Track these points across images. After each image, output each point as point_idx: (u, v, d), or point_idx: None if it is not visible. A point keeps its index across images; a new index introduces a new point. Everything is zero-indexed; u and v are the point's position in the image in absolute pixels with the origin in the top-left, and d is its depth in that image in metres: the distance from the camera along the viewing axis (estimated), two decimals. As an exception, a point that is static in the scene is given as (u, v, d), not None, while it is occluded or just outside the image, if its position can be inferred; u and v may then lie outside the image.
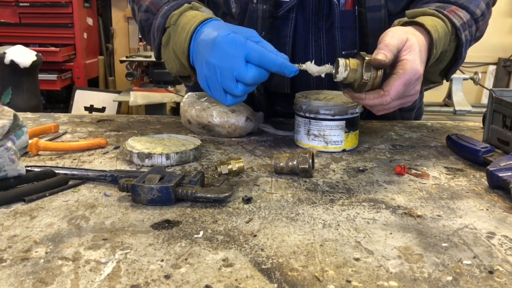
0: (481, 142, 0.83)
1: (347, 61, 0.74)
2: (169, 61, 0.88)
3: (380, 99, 0.74)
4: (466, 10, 0.87)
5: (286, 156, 0.74)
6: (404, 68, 0.73)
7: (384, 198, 0.66)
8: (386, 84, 0.73)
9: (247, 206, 0.62)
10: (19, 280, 0.44)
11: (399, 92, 0.73)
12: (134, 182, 0.62)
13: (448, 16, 0.83)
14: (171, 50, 0.85)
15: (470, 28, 0.87)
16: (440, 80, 0.92)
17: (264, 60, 0.72)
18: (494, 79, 3.87)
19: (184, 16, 0.83)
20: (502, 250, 0.52)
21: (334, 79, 0.75)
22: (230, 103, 0.76)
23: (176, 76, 0.92)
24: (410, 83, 0.74)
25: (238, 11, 0.96)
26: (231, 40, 0.72)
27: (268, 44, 0.75)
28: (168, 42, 0.86)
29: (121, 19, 4.08)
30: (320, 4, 0.95)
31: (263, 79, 0.75)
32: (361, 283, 0.45)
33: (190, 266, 0.47)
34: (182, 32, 0.81)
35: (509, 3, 3.74)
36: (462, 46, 0.85)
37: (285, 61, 0.74)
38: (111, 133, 0.97)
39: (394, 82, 0.73)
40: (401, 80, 0.73)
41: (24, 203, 0.61)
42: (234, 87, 0.73)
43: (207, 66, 0.74)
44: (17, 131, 0.65)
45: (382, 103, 0.74)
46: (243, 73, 0.72)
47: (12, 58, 2.45)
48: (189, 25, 0.80)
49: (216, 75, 0.73)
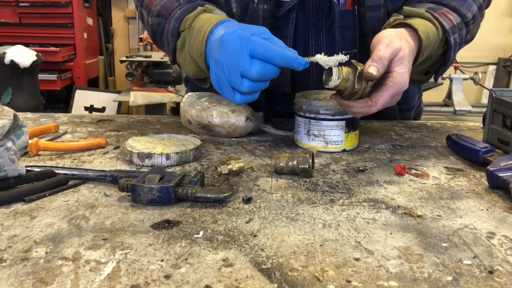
0: (481, 142, 0.83)
1: (340, 69, 0.74)
2: (185, 65, 0.87)
3: (367, 108, 0.76)
4: (457, 13, 0.87)
5: (286, 156, 0.74)
6: (394, 81, 0.75)
7: (384, 198, 0.66)
8: (375, 95, 0.76)
9: (247, 206, 0.62)
10: (19, 280, 0.44)
11: (386, 103, 0.76)
12: (134, 182, 0.62)
13: (438, 19, 0.83)
14: (187, 53, 0.85)
15: (460, 31, 0.87)
16: (423, 79, 0.93)
17: (270, 54, 0.71)
18: (494, 79, 3.87)
19: (199, 19, 0.82)
20: (502, 250, 0.52)
21: (324, 86, 0.76)
22: (239, 101, 0.75)
23: (193, 79, 0.92)
24: (396, 95, 0.77)
25: (239, 11, 0.96)
26: (237, 36, 0.72)
27: (278, 41, 0.75)
28: (183, 45, 0.85)
29: (121, 19, 4.08)
30: (320, 4, 0.95)
31: (272, 74, 0.74)
32: (361, 283, 0.45)
33: (190, 266, 0.47)
34: (198, 35, 0.80)
35: (509, 3, 3.75)
36: (450, 49, 0.85)
37: (293, 54, 0.73)
38: (111, 133, 0.97)
39: (383, 94, 0.75)
40: (389, 92, 0.75)
41: (24, 203, 0.61)
42: (240, 83, 0.73)
43: (216, 64, 0.75)
44: (17, 131, 0.65)
45: (367, 112, 0.77)
46: (247, 69, 0.71)
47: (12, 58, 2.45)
48: (204, 27, 0.80)
49: (224, 72, 0.73)
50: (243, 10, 0.96)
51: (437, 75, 0.92)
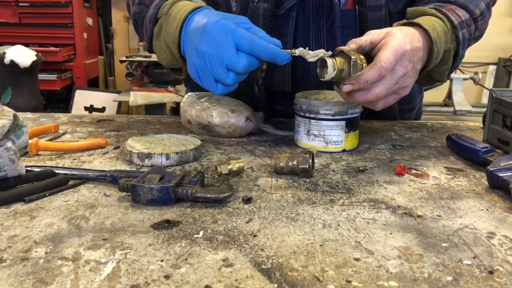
0: (481, 142, 0.83)
1: (334, 60, 0.74)
2: (160, 52, 0.87)
3: (376, 67, 0.72)
4: (466, 9, 0.87)
5: (286, 156, 0.74)
6: (386, 43, 0.73)
7: (384, 198, 0.66)
8: (375, 58, 0.73)
9: (247, 206, 0.62)
10: (19, 280, 0.44)
11: (391, 60, 0.72)
12: (134, 182, 0.62)
13: (446, 14, 0.83)
14: (163, 40, 0.84)
15: (468, 27, 0.87)
16: (446, 79, 0.92)
17: (255, 48, 0.71)
18: (494, 79, 3.87)
19: (176, 6, 0.82)
20: (502, 250, 0.52)
21: (321, 79, 0.76)
22: (221, 92, 0.75)
23: (167, 68, 0.91)
24: (397, 56, 0.73)
25: (239, 9, 0.96)
26: (221, 27, 0.71)
27: (259, 30, 0.74)
28: (159, 32, 0.85)
29: (121, 19, 4.08)
30: (321, 3, 0.95)
31: (254, 67, 0.74)
32: (361, 283, 0.45)
33: (190, 266, 0.47)
34: (173, 21, 0.80)
35: (509, 3, 3.75)
36: (459, 44, 0.85)
37: (277, 49, 0.72)
38: (111, 133, 0.97)
39: (382, 52, 0.73)
40: (387, 50, 0.72)
41: (24, 203, 0.61)
42: (226, 76, 0.72)
43: (196, 54, 0.73)
44: (17, 131, 0.65)
45: (380, 72, 0.72)
46: (235, 62, 0.71)
47: (12, 58, 2.45)
48: (180, 14, 0.79)
49: (206, 63, 0.72)
50: (243, 9, 0.96)
51: (448, 73, 0.91)
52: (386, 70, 0.72)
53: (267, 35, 0.74)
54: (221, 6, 0.99)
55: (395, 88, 0.76)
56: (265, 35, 0.74)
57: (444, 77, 0.89)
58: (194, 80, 0.78)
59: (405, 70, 0.75)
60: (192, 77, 0.77)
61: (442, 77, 0.89)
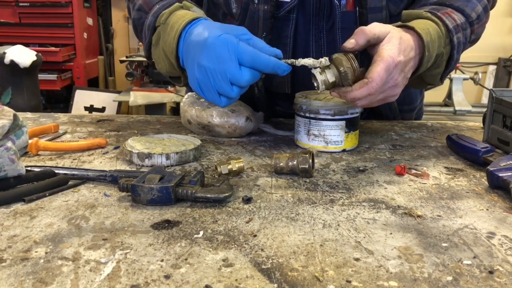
0: (481, 142, 0.83)
1: (325, 75, 0.75)
2: (159, 61, 0.87)
3: (366, 87, 0.74)
4: (462, 13, 0.87)
5: (286, 156, 0.74)
6: (381, 55, 0.74)
7: (384, 198, 0.66)
8: (368, 72, 0.74)
9: (247, 206, 0.62)
10: (19, 280, 0.44)
11: (383, 77, 0.74)
12: (134, 182, 0.62)
13: (441, 18, 0.83)
14: (161, 49, 0.84)
15: (464, 31, 0.86)
16: (440, 83, 0.92)
17: (257, 63, 0.72)
18: (494, 79, 3.87)
19: (174, 15, 0.82)
20: (502, 250, 0.52)
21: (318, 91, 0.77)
22: (225, 104, 0.76)
23: (167, 76, 0.92)
24: (389, 70, 0.74)
25: (239, 11, 0.96)
26: (223, 42, 0.71)
27: (259, 41, 0.75)
28: (158, 41, 0.85)
29: (121, 19, 4.08)
30: (321, 5, 0.95)
31: (257, 79, 0.75)
32: (361, 283, 0.45)
33: (190, 266, 0.47)
34: (171, 31, 0.80)
35: (509, 3, 3.75)
36: (454, 48, 0.85)
37: (278, 62, 0.73)
38: (111, 133, 0.97)
39: (375, 68, 0.74)
40: (381, 66, 0.73)
41: (24, 203, 0.61)
42: (230, 90, 0.73)
43: (199, 69, 0.73)
44: (17, 131, 0.65)
45: (370, 92, 0.74)
46: (238, 77, 0.71)
47: (12, 58, 2.45)
48: (177, 24, 0.79)
49: (209, 78, 0.73)
50: (243, 11, 0.96)
51: (443, 76, 0.91)
52: (376, 90, 0.74)
53: (267, 45, 0.75)
54: (222, 8, 0.99)
55: (381, 97, 0.78)
56: (265, 45, 0.75)
57: (436, 80, 0.89)
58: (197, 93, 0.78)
59: (395, 82, 0.77)
60: (194, 90, 0.77)
61: (434, 81, 0.89)
